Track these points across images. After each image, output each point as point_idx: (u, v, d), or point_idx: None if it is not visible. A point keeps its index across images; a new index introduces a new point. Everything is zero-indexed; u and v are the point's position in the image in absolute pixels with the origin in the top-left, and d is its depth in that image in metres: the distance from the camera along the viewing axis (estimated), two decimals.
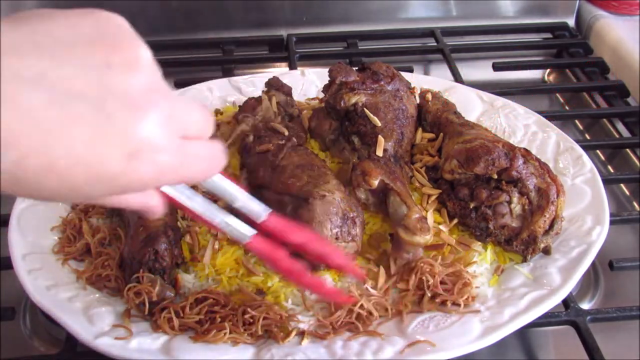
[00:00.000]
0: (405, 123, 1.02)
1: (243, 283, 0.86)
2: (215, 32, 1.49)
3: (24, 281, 0.85)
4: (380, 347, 0.78)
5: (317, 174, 0.90)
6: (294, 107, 1.11)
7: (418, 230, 0.84)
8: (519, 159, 0.89)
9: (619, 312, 0.88)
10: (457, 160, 0.93)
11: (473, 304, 0.83)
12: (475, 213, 0.92)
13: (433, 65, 1.50)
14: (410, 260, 0.86)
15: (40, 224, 0.94)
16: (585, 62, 1.45)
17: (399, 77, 1.08)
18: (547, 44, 1.54)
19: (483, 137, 0.94)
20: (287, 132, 1.00)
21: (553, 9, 1.56)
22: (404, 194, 0.89)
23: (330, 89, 1.05)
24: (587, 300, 0.97)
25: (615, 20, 1.50)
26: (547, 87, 1.48)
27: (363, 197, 0.93)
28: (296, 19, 1.51)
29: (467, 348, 0.77)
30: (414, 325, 0.80)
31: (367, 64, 1.08)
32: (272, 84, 1.11)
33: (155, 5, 1.46)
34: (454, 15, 1.54)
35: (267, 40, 1.50)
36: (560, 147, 1.06)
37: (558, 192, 0.89)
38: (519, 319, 0.80)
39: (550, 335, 0.92)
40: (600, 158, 1.25)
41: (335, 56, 1.42)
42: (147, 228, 0.87)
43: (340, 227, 0.84)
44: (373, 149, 0.97)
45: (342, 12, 1.51)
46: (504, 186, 0.90)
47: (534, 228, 0.88)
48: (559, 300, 0.83)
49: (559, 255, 0.88)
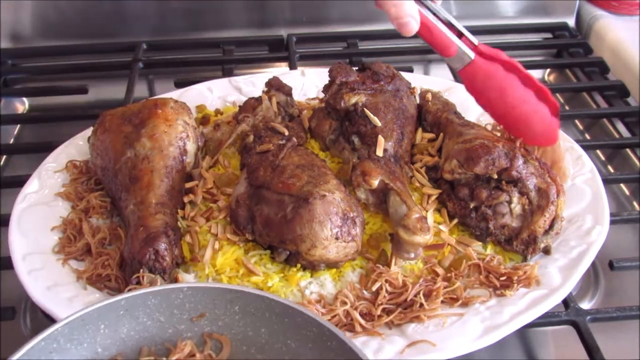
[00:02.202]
0: (405, 123, 1.02)
1: (243, 283, 0.86)
2: (215, 32, 1.49)
3: (25, 281, 0.85)
4: (380, 347, 0.78)
5: (317, 174, 0.90)
6: (294, 107, 1.11)
7: (418, 230, 0.84)
8: (519, 159, 0.89)
9: (619, 312, 0.88)
10: (457, 160, 0.93)
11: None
12: (475, 213, 0.92)
13: (433, 65, 1.50)
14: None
15: (41, 224, 0.94)
16: (585, 62, 1.45)
17: (399, 77, 1.08)
18: (547, 44, 1.54)
19: (483, 137, 0.94)
20: (287, 132, 1.00)
21: (553, 9, 1.56)
22: (404, 194, 0.89)
23: (330, 89, 1.05)
24: (587, 300, 0.97)
25: (615, 20, 1.50)
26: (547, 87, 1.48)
27: (363, 197, 0.93)
28: (296, 19, 1.51)
29: (467, 348, 0.77)
30: (414, 325, 0.81)
31: (367, 64, 1.09)
32: (272, 84, 1.11)
33: (155, 5, 1.46)
34: (454, 15, 1.53)
35: (267, 40, 1.50)
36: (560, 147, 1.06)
37: (558, 192, 0.89)
38: (519, 318, 0.80)
39: (550, 335, 0.92)
40: (600, 158, 1.25)
41: (335, 56, 1.42)
42: (147, 228, 0.87)
43: (340, 227, 0.84)
44: (373, 149, 0.97)
45: (342, 12, 1.51)
46: (504, 186, 0.90)
47: (534, 228, 0.89)
48: (559, 300, 0.83)
49: (559, 255, 0.88)
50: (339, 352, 0.71)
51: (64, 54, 1.45)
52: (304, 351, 0.74)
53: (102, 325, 0.74)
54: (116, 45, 1.46)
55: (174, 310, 0.77)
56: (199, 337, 0.78)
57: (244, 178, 0.94)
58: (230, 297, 0.76)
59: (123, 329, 0.75)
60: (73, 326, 0.70)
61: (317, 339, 0.73)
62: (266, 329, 0.77)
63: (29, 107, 1.40)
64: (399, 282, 0.85)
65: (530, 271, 0.85)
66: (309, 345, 0.74)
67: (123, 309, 0.74)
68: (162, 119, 0.98)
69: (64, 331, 0.70)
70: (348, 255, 0.86)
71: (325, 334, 0.72)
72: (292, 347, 0.75)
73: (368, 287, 0.85)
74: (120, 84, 1.34)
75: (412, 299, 0.83)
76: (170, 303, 0.76)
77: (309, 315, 0.73)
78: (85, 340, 0.72)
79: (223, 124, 1.09)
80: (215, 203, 0.97)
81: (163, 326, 0.77)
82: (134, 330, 0.76)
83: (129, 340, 0.76)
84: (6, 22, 1.42)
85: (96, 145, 1.00)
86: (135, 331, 0.76)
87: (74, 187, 1.00)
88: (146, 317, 0.76)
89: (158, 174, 0.94)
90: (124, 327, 0.75)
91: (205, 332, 0.78)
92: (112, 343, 0.75)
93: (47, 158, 1.05)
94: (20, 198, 0.97)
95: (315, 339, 0.73)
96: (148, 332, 0.76)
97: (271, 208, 0.87)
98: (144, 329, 0.76)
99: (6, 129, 1.30)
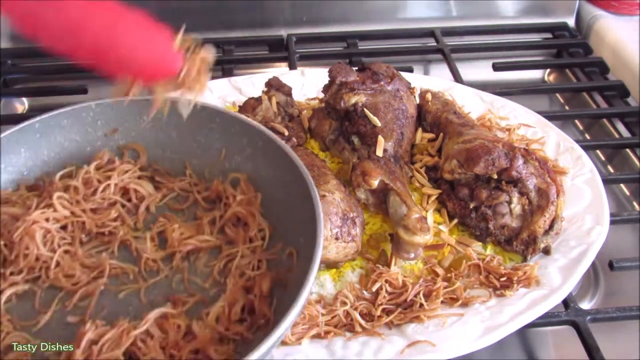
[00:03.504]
0: (405, 123, 1.02)
1: None
2: (215, 32, 1.49)
3: None
4: (380, 347, 0.78)
5: (317, 174, 0.90)
6: (294, 107, 1.11)
7: (418, 230, 0.84)
8: (519, 159, 0.89)
9: (619, 312, 0.88)
10: (457, 160, 0.93)
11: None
12: (475, 213, 0.92)
13: (433, 65, 1.50)
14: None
15: None
16: (585, 62, 1.45)
17: (399, 77, 1.08)
18: (547, 44, 1.54)
19: (483, 137, 0.94)
20: (287, 132, 1.00)
21: (553, 9, 1.56)
22: (404, 194, 0.89)
23: (330, 89, 1.05)
24: (587, 300, 0.97)
25: (615, 20, 1.50)
26: (547, 87, 1.48)
27: (363, 197, 0.93)
28: (296, 19, 1.51)
29: (467, 348, 0.77)
30: (414, 325, 0.80)
31: (367, 64, 1.09)
32: (272, 84, 1.11)
33: (155, 5, 1.45)
34: (454, 15, 1.54)
35: (267, 40, 1.49)
36: (560, 147, 1.06)
37: (558, 192, 0.89)
38: (519, 318, 0.80)
39: (550, 335, 0.92)
40: (600, 158, 1.25)
41: (335, 56, 1.42)
42: None
43: (340, 227, 0.84)
44: (373, 149, 0.97)
45: (342, 12, 1.51)
46: (504, 186, 0.90)
47: (534, 228, 0.88)
48: (559, 300, 0.83)
49: (559, 255, 0.88)
50: (242, 133, 0.81)
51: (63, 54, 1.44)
52: (212, 142, 0.84)
53: (21, 149, 0.82)
54: None
55: (87, 129, 0.85)
56: (115, 150, 0.87)
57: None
58: (138, 109, 0.84)
59: (43, 151, 0.83)
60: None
61: (221, 128, 0.83)
62: (176, 131, 0.86)
63: (28, 107, 1.40)
64: (399, 283, 0.85)
65: (530, 271, 0.85)
66: (215, 136, 0.84)
67: (38, 132, 0.82)
68: None
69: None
70: (348, 255, 0.86)
71: (227, 121, 0.81)
72: (201, 142, 0.85)
73: (368, 288, 0.85)
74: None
75: (412, 299, 0.83)
76: (82, 122, 0.84)
77: (212, 108, 0.83)
78: (9, 164, 0.82)
79: None
80: None
81: (80, 145, 0.85)
82: (53, 152, 0.84)
83: (51, 161, 0.84)
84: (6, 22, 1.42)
85: None
86: (55, 152, 0.84)
87: None
88: (62, 137, 0.84)
89: None
90: (44, 149, 0.83)
91: (121, 145, 0.87)
92: (35, 165, 0.83)
93: None
94: None
95: (220, 129, 0.83)
96: (67, 152, 0.84)
97: None
98: (63, 149, 0.84)
99: (6, 129, 1.30)
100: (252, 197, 0.82)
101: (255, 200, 0.82)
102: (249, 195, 0.82)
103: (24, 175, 0.83)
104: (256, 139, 0.81)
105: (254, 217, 0.80)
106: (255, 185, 0.83)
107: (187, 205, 0.86)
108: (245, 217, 0.80)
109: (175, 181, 0.87)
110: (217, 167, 0.85)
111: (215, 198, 0.85)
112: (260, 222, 0.80)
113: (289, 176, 0.78)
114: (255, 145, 0.82)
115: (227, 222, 0.81)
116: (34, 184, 0.83)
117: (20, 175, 0.82)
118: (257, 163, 0.82)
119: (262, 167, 0.81)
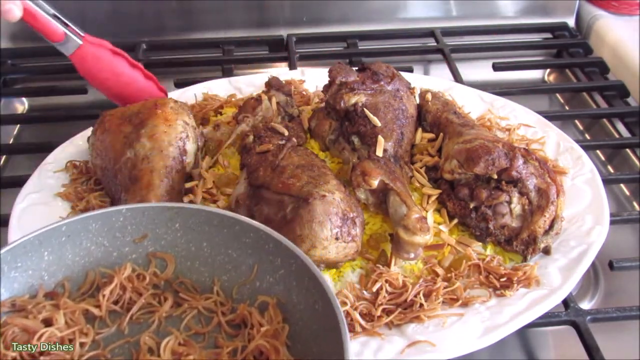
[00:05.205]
0: (405, 123, 1.02)
1: None
2: (215, 32, 1.49)
3: None
4: (380, 347, 0.78)
5: (317, 174, 0.90)
6: (294, 107, 1.11)
7: (418, 230, 0.84)
8: (519, 159, 0.89)
9: (619, 312, 0.88)
10: (457, 160, 0.93)
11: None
12: (475, 213, 0.92)
13: (433, 65, 1.50)
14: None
15: (40, 224, 0.93)
16: (585, 62, 1.45)
17: (399, 77, 1.08)
18: (547, 44, 1.54)
19: (483, 137, 0.94)
20: (287, 132, 1.00)
21: (553, 9, 1.56)
22: (404, 194, 0.89)
23: (330, 89, 1.05)
24: (587, 300, 0.97)
25: (615, 20, 1.50)
26: (547, 87, 1.48)
27: (363, 197, 0.93)
28: (296, 19, 1.51)
29: (467, 348, 0.77)
30: (414, 325, 0.80)
31: (367, 64, 1.09)
32: (272, 84, 1.11)
33: (156, 5, 1.46)
34: (454, 15, 1.54)
35: (267, 40, 1.50)
36: (560, 147, 1.06)
37: (558, 192, 0.89)
38: (519, 318, 0.80)
39: (550, 335, 0.92)
40: (600, 158, 1.25)
41: (335, 56, 1.42)
42: None
43: (340, 227, 0.84)
44: (373, 149, 0.97)
45: (342, 12, 1.51)
46: (504, 186, 0.90)
47: (534, 228, 0.88)
48: (559, 300, 0.83)
49: (559, 255, 0.88)
50: (276, 252, 0.76)
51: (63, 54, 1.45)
52: (244, 258, 0.78)
53: (45, 252, 0.76)
54: (116, 45, 1.45)
55: (116, 234, 0.79)
56: (144, 257, 0.80)
57: (244, 178, 0.94)
58: (170, 215, 0.80)
59: (67, 255, 0.77)
60: (15, 253, 0.72)
61: (255, 244, 0.77)
62: (207, 243, 0.80)
63: (28, 107, 1.40)
64: (399, 283, 0.85)
65: (530, 271, 0.85)
66: (248, 251, 0.78)
67: (65, 235, 0.77)
68: (162, 119, 0.98)
69: (7, 258, 0.72)
70: (348, 255, 0.86)
71: (262, 238, 0.76)
72: (233, 256, 0.79)
73: (368, 288, 0.85)
74: None
75: (412, 299, 0.83)
76: (111, 226, 0.79)
77: (246, 222, 0.77)
78: (30, 267, 0.75)
79: (223, 124, 1.09)
80: (215, 203, 0.97)
81: (107, 250, 0.79)
82: (78, 256, 0.78)
83: (75, 266, 0.78)
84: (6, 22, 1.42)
85: (96, 146, 1.00)
86: (80, 256, 0.78)
87: (73, 187, 1.00)
88: (89, 242, 0.78)
89: (158, 174, 0.94)
90: (68, 253, 0.77)
91: (150, 252, 0.80)
92: (58, 269, 0.77)
93: (47, 158, 1.05)
94: (20, 198, 0.97)
95: (254, 245, 0.77)
96: (93, 257, 0.79)
97: (271, 208, 0.87)
98: (88, 253, 0.78)
99: (6, 129, 1.30)
100: (278, 329, 0.75)
101: (281, 332, 0.75)
102: (276, 326, 0.75)
103: (44, 280, 0.77)
104: (290, 261, 0.75)
105: (278, 353, 0.73)
106: (283, 310, 0.77)
107: (210, 329, 0.78)
108: (268, 352, 0.73)
109: (201, 299, 0.80)
110: (247, 285, 0.79)
111: (240, 322, 0.78)
112: (283, 357, 0.73)
113: (319, 305, 0.72)
114: (289, 267, 0.76)
115: (249, 355, 0.74)
116: (52, 291, 0.77)
117: (40, 280, 0.76)
118: (289, 287, 0.76)
119: (294, 292, 0.75)
